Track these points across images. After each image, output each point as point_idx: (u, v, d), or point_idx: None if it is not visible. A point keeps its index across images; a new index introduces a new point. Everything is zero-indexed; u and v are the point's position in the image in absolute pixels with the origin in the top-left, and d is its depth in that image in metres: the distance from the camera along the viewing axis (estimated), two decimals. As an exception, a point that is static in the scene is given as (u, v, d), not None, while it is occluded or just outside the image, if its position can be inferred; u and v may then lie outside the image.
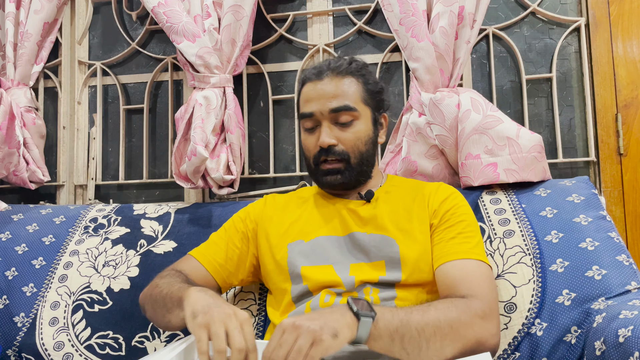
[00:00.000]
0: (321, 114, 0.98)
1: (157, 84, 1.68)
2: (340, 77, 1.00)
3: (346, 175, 0.99)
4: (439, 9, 1.28)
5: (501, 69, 1.50)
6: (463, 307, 0.79)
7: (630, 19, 1.46)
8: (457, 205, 0.99)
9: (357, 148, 0.99)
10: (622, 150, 1.41)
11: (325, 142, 0.97)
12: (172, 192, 1.65)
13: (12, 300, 1.22)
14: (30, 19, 1.61)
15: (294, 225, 1.02)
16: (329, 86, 0.99)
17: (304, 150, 1.04)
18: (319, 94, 0.99)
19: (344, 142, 0.98)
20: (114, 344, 1.14)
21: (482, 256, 0.91)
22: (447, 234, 0.94)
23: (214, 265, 1.01)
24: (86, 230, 1.33)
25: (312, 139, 1.01)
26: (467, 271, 0.87)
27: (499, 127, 1.23)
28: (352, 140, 0.99)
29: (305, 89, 1.03)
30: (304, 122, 1.03)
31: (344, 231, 0.98)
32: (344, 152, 0.98)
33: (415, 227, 0.96)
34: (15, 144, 1.52)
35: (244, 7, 1.40)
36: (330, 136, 0.97)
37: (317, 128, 1.00)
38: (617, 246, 1.03)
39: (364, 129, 1.00)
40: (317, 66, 1.04)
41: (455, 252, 0.90)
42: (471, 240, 0.93)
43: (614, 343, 0.76)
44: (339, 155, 0.98)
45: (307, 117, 1.01)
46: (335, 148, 0.98)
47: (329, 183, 1.00)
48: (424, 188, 1.04)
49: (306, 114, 1.00)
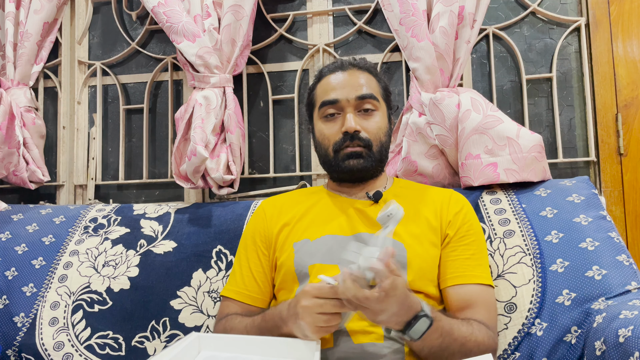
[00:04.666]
0: (347, 100, 1.01)
1: (157, 84, 1.68)
2: (363, 71, 1.05)
3: (368, 160, 1.01)
4: (439, 9, 1.28)
5: (501, 69, 1.50)
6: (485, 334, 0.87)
7: (630, 19, 1.46)
8: (471, 222, 1.01)
9: (378, 137, 1.02)
10: (622, 150, 1.41)
11: (351, 127, 0.99)
12: (172, 192, 1.65)
13: (12, 300, 1.22)
14: (30, 19, 1.61)
15: (299, 225, 1.02)
16: (354, 76, 1.04)
17: (322, 139, 1.04)
18: (344, 83, 1.03)
19: (368, 130, 1.01)
20: (113, 344, 1.14)
21: (491, 280, 0.98)
22: (463, 252, 0.96)
23: (252, 297, 1.02)
24: (86, 230, 1.33)
25: (333, 127, 1.02)
26: (482, 298, 0.93)
27: (499, 127, 1.22)
28: (375, 129, 1.02)
29: (326, 80, 1.06)
30: (325, 110, 1.03)
31: (351, 231, 0.98)
32: (367, 139, 1.00)
33: (425, 233, 0.97)
34: (15, 144, 1.51)
35: (244, 7, 1.40)
36: (356, 122, 1.00)
37: (338, 116, 1.02)
38: (617, 246, 1.03)
39: (383, 121, 1.04)
40: (337, 62, 1.09)
41: (472, 275, 0.95)
42: (484, 262, 0.98)
43: (614, 343, 0.76)
44: (363, 142, 1.00)
45: (330, 104, 1.02)
46: (359, 134, 1.00)
47: (351, 167, 1.01)
48: (434, 195, 1.05)
49: (330, 100, 1.02)
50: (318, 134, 1.05)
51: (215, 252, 1.22)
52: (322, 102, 1.03)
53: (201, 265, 1.21)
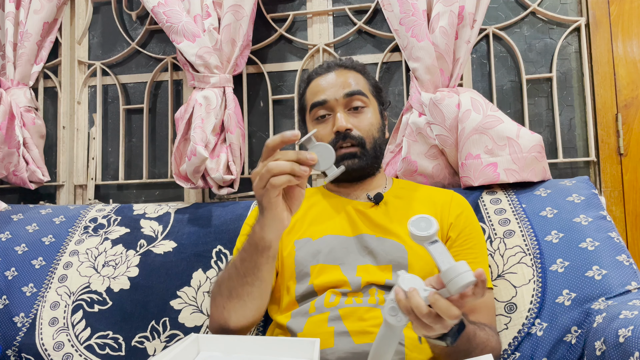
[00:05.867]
0: (335, 100, 1.01)
1: (157, 84, 1.68)
2: (349, 70, 1.06)
3: (363, 159, 1.01)
4: (439, 9, 1.28)
5: (501, 69, 1.50)
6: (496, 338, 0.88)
7: (630, 19, 1.45)
8: (473, 225, 1.01)
9: (371, 134, 1.02)
10: (622, 150, 1.41)
11: (342, 125, 0.99)
12: (172, 192, 1.65)
13: (12, 300, 1.22)
14: (30, 19, 1.61)
15: (299, 223, 1.02)
16: (341, 75, 1.05)
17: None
18: (331, 83, 1.03)
19: (359, 127, 1.01)
20: (113, 344, 1.14)
21: (491, 282, 0.99)
22: (466, 256, 0.96)
23: None
24: (86, 230, 1.33)
25: (325, 128, 1.02)
26: (485, 302, 0.94)
27: (499, 127, 1.22)
28: (366, 126, 1.02)
29: (314, 83, 1.06)
30: (315, 112, 1.04)
31: (353, 232, 0.98)
32: (360, 137, 1.00)
33: None
34: (15, 144, 1.51)
35: (243, 7, 1.40)
36: (346, 120, 1.00)
37: (329, 117, 1.03)
38: (617, 246, 1.03)
39: (374, 117, 1.04)
40: (323, 64, 1.09)
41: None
42: (485, 266, 0.98)
43: (614, 343, 0.76)
44: (356, 140, 1.00)
45: (319, 105, 1.03)
46: (351, 133, 1.00)
47: (347, 168, 0.99)
48: (435, 196, 1.05)
49: (319, 101, 1.03)
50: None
51: (215, 252, 1.22)
52: (312, 104, 1.04)
53: (201, 265, 1.21)
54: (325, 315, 0.88)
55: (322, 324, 0.88)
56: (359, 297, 0.90)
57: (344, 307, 0.88)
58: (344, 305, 0.88)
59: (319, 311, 0.89)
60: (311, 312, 0.90)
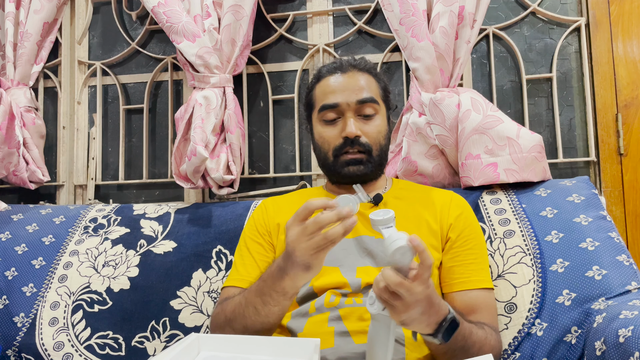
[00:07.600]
0: (347, 105, 1.00)
1: (157, 84, 1.68)
2: (363, 73, 1.03)
3: (368, 166, 1.00)
4: (439, 9, 1.28)
5: (501, 69, 1.50)
6: (495, 338, 0.88)
7: (630, 19, 1.45)
8: (473, 225, 1.01)
9: (378, 141, 1.01)
10: (622, 150, 1.41)
11: (352, 132, 0.98)
12: (172, 192, 1.65)
13: (12, 300, 1.22)
14: (30, 19, 1.61)
15: None
16: (354, 79, 1.02)
17: (321, 142, 1.03)
18: (345, 86, 1.01)
19: (368, 134, 1.00)
20: (113, 344, 1.14)
21: (492, 283, 0.98)
22: (467, 257, 0.96)
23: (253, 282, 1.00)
24: (86, 231, 1.33)
25: (333, 131, 1.01)
26: (486, 302, 0.94)
27: (499, 127, 1.22)
28: (374, 133, 1.01)
29: (325, 82, 1.04)
30: (325, 114, 1.02)
31: (353, 233, 0.98)
32: (367, 144, 1.00)
33: (425, 236, 0.96)
34: (15, 144, 1.51)
35: (244, 7, 1.40)
36: (357, 127, 0.99)
37: (339, 120, 1.01)
38: (617, 246, 1.03)
39: (383, 124, 1.03)
40: (336, 62, 1.06)
41: (476, 280, 0.95)
42: (485, 266, 0.98)
43: (614, 343, 0.76)
44: (363, 147, 0.99)
45: (330, 108, 1.01)
46: (360, 139, 0.99)
47: (351, 174, 1.00)
48: (435, 197, 1.04)
49: (330, 104, 1.01)
50: (317, 137, 1.04)
51: (215, 252, 1.22)
52: (322, 105, 1.02)
53: (201, 265, 1.21)
54: (326, 315, 0.88)
55: (322, 324, 0.88)
56: (359, 297, 0.90)
57: (344, 307, 0.88)
58: (344, 306, 0.88)
59: (319, 311, 0.89)
60: (311, 312, 0.90)
